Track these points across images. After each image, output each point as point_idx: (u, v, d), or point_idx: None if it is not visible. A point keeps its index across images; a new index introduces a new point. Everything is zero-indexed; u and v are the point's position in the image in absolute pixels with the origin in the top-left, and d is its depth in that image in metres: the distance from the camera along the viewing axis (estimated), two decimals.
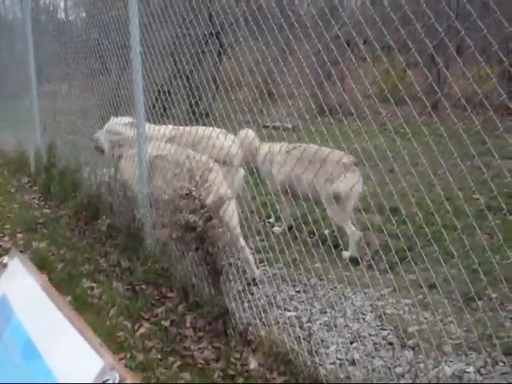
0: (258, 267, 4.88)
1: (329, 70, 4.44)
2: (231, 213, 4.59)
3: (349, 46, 7.53)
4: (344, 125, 3.82)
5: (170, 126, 5.87)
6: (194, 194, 4.06)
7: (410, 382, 3.47)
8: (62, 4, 11.08)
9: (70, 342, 1.20)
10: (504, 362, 3.77)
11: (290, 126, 5.68)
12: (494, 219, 5.27)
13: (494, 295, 4.39)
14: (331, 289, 4.37)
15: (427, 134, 3.30)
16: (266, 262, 4.73)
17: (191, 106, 6.04)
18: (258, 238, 4.51)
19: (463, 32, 3.03)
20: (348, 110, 3.86)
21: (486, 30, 2.92)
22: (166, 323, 4.32)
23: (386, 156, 3.55)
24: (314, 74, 4.51)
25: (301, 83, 4.36)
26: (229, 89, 4.77)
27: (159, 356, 3.92)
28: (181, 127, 5.62)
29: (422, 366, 3.67)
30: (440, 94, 4.58)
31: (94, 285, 5.01)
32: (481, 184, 5.13)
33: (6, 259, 1.66)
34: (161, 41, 6.01)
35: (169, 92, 7.09)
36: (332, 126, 3.94)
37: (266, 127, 6.81)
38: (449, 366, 3.74)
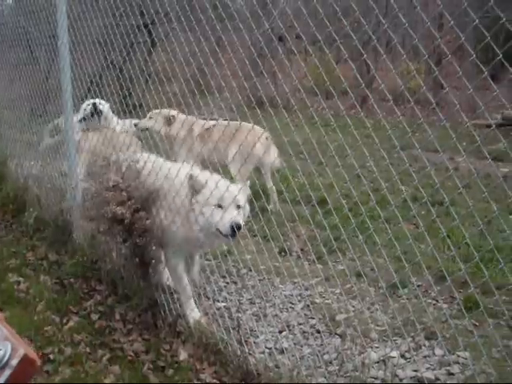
0: None
1: (261, 64, 4.47)
2: None
3: (281, 40, 7.61)
4: (275, 117, 3.86)
5: None
6: (120, 185, 4.02)
7: (337, 368, 3.53)
8: None
9: None
10: (426, 346, 3.93)
11: (225, 118, 5.69)
12: (419, 210, 5.48)
13: (417, 283, 4.54)
14: (260, 279, 4.41)
15: (355, 127, 3.37)
16: None
17: (124, 97, 5.95)
18: None
19: (386, 26, 3.12)
20: (279, 103, 3.90)
21: (407, 25, 3.02)
22: (95, 316, 4.27)
23: (316, 148, 3.61)
24: (246, 68, 4.53)
25: (233, 76, 4.37)
26: (164, 80, 4.73)
27: (88, 349, 3.87)
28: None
29: (349, 352, 3.75)
30: (367, 88, 4.68)
31: (21, 279, 4.88)
32: (408, 175, 5.26)
33: None
34: (92, 31, 5.90)
35: (101, 83, 6.96)
36: (264, 118, 3.98)
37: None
38: (375, 352, 3.85)
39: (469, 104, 9.18)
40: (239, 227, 3.71)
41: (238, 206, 3.84)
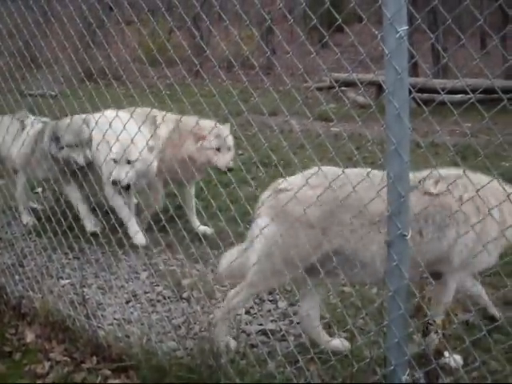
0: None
1: (88, 36, 4.39)
2: None
3: (112, 10, 7.44)
4: (112, 88, 3.85)
5: None
6: None
7: (185, 331, 3.66)
8: None
9: None
10: (269, 301, 4.19)
11: (55, 92, 5.51)
12: (256, 172, 5.73)
13: None
14: (103, 252, 4.37)
15: (192, 95, 3.45)
16: (33, 233, 4.64)
17: None
18: None
19: None
20: (114, 73, 3.89)
21: None
22: None
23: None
24: (78, 38, 4.43)
25: (63, 49, 4.27)
26: None
27: None
28: None
29: (195, 314, 3.89)
30: (201, 56, 4.76)
31: None
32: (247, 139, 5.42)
33: None
34: None
35: None
36: (100, 90, 3.94)
37: (30, 95, 6.53)
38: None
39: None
40: None
41: None
